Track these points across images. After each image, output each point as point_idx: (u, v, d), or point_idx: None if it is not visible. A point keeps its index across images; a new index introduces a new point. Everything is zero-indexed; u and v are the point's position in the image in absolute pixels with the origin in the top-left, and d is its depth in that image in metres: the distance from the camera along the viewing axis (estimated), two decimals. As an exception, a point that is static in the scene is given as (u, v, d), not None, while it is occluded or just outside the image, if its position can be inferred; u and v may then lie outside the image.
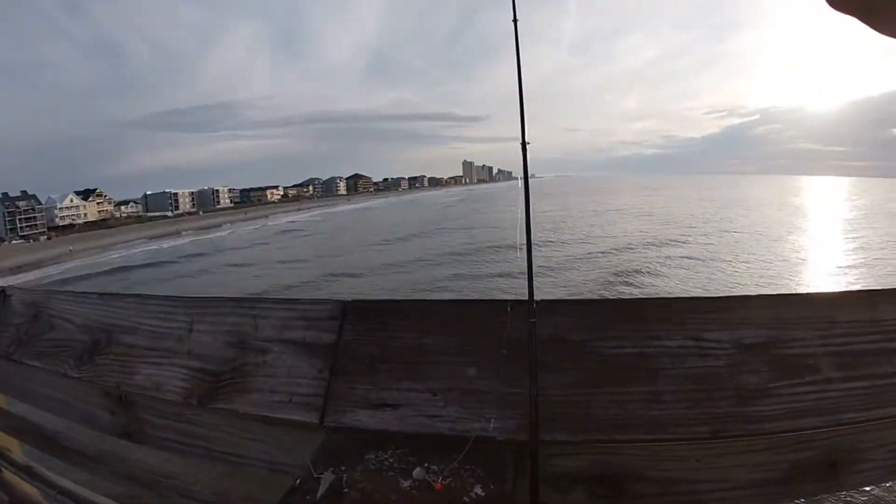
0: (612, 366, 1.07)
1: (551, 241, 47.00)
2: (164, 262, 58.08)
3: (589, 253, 39.56)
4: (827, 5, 0.56)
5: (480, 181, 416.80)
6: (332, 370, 1.16)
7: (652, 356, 1.07)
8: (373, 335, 1.19)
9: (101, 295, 1.68)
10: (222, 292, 35.08)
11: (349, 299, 1.23)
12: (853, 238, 50.89)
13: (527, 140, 1.20)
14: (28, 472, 2.23)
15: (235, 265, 49.55)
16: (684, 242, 44.33)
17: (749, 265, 35.14)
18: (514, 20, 1.22)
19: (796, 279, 31.79)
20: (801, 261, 38.23)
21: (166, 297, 1.51)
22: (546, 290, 29.44)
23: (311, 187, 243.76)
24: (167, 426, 1.43)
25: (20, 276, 62.62)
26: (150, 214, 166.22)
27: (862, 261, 37.73)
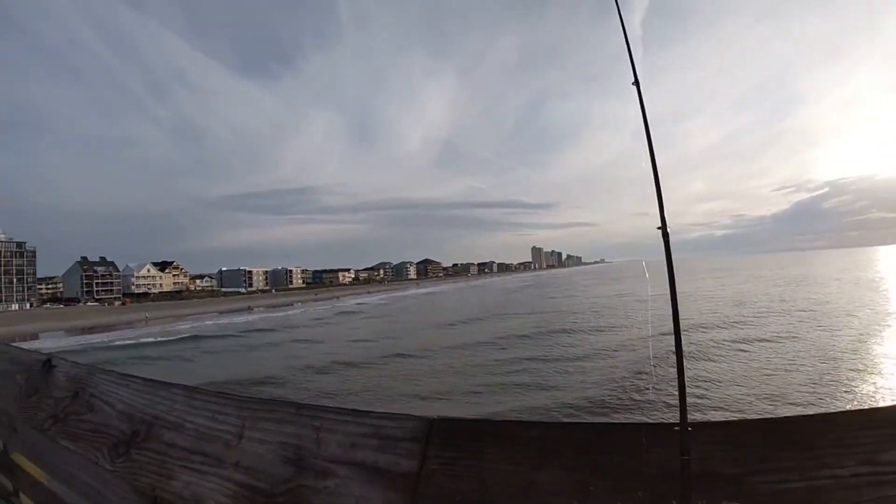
0: (779, 506, 0.83)
1: (624, 326, 45.57)
2: (234, 335, 59.73)
3: (662, 333, 38.26)
4: None
5: (550, 266, 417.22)
6: (413, 508, 0.90)
7: (824, 490, 0.83)
8: (466, 465, 0.91)
9: (146, 381, 1.50)
10: (286, 367, 35.36)
11: (435, 416, 0.96)
12: (931, 305, 48.76)
13: (668, 227, 1.00)
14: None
15: (303, 341, 50.30)
16: (756, 325, 42.50)
17: (833, 341, 33.48)
18: (635, 83, 1.07)
19: (880, 350, 30.36)
20: (880, 331, 36.66)
21: (217, 394, 1.29)
22: (598, 370, 28.69)
23: (381, 271, 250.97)
24: (205, 546, 1.19)
25: (92, 336, 65.27)
26: (223, 290, 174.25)
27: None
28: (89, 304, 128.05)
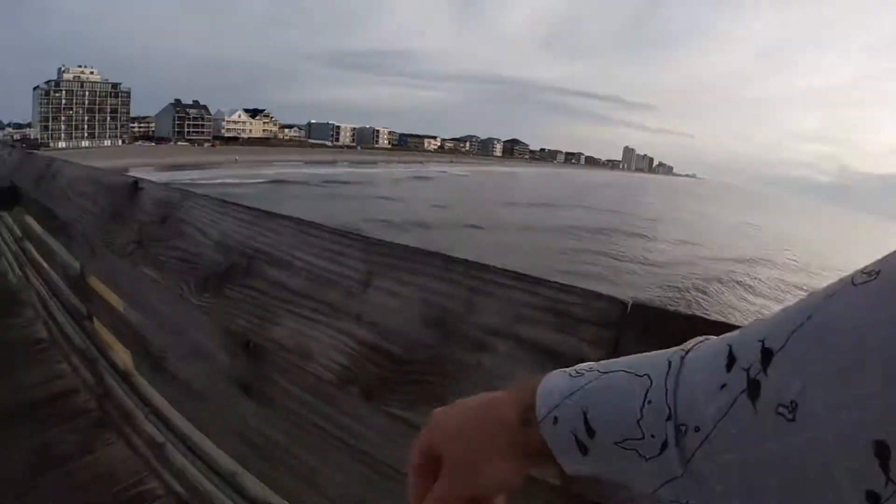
0: None
1: (700, 244, 43.43)
2: (317, 185, 61.34)
3: (735, 259, 36.38)
4: None
5: (638, 170, 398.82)
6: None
7: None
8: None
9: (250, 209, 1.27)
10: (364, 219, 35.83)
11: (630, 299, 0.66)
12: None
13: None
14: (126, 380, 2.02)
15: (383, 198, 51.25)
16: (829, 279, 39.80)
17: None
18: None
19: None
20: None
21: (338, 231, 1.03)
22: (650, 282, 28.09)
23: (468, 143, 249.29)
24: (306, 402, 1.01)
25: (181, 173, 67.82)
26: (311, 141, 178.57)
27: None
28: (179, 143, 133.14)
